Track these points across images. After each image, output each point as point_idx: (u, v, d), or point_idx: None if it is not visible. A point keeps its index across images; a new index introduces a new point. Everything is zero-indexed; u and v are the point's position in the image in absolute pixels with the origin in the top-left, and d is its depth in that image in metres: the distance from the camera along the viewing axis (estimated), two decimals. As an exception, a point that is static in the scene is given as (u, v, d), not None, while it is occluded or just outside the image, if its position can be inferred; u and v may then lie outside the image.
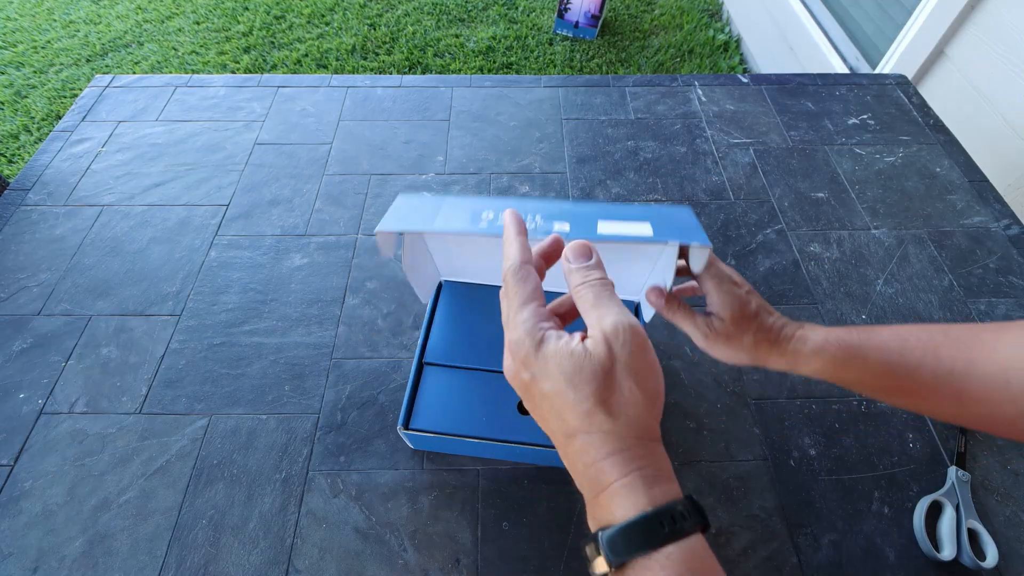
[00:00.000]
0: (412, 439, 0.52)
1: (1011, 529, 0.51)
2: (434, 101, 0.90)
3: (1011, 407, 0.32)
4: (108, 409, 0.57)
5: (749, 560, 0.49)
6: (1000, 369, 0.32)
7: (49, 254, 0.69)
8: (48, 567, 0.48)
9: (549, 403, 0.27)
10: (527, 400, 0.28)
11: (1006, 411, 0.32)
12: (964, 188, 0.80)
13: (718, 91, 0.93)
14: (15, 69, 2.14)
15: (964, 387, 0.34)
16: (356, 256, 0.70)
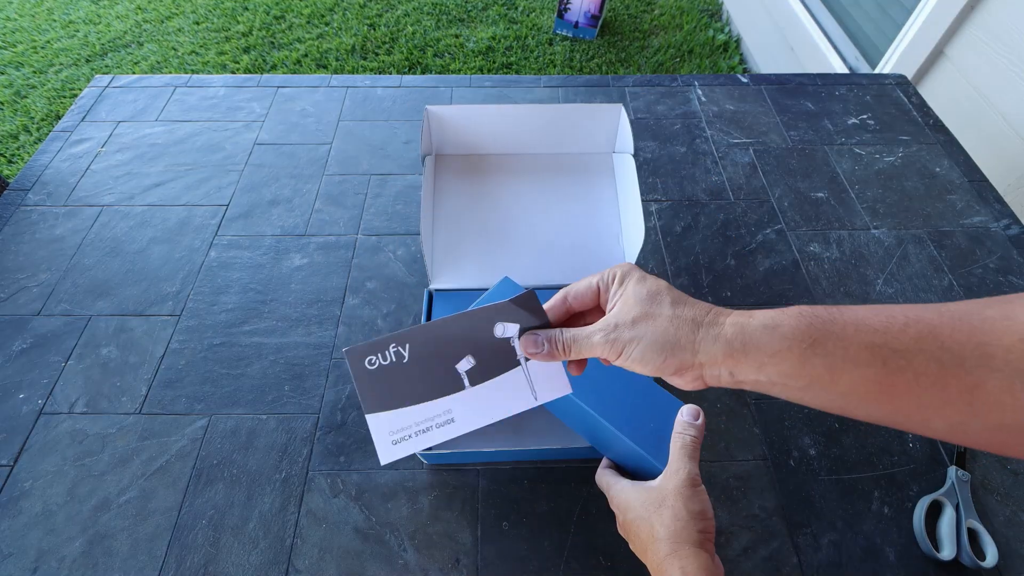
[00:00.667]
0: (426, 456, 0.52)
1: (1011, 529, 0.51)
2: (434, 101, 0.90)
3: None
4: (108, 409, 0.57)
5: (749, 560, 0.49)
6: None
7: (49, 254, 0.69)
8: (48, 567, 0.48)
9: (627, 517, 0.42)
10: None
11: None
12: (964, 188, 0.80)
13: (718, 91, 0.93)
14: (15, 69, 2.14)
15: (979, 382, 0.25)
16: (356, 256, 0.70)
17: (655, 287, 0.33)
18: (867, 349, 0.27)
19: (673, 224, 0.74)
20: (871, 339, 0.28)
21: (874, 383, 0.27)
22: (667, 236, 0.73)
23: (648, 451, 0.43)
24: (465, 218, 0.62)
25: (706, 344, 0.30)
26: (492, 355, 0.34)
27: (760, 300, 0.67)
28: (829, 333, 0.28)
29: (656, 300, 0.32)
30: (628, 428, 0.44)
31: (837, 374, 0.28)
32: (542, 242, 0.61)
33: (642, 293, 0.32)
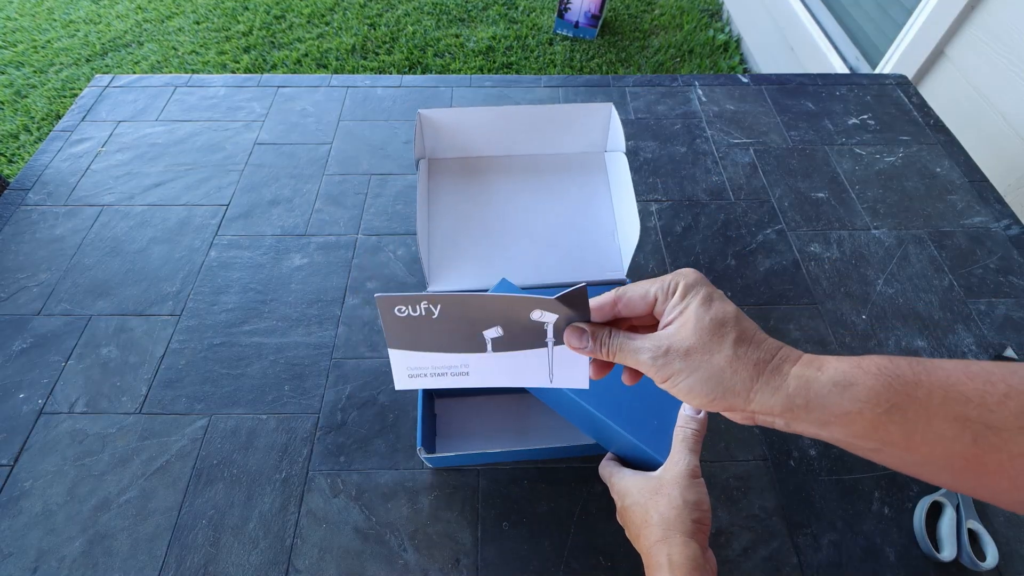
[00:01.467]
0: (432, 460, 0.52)
1: (1011, 529, 0.51)
2: (434, 101, 0.90)
3: None
4: (108, 409, 0.57)
5: (749, 560, 0.49)
6: None
7: (49, 254, 0.69)
8: (48, 567, 0.48)
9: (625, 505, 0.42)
10: None
11: None
12: (964, 188, 0.80)
13: (718, 91, 0.93)
14: (15, 69, 2.14)
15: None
16: (356, 256, 0.70)
17: (720, 315, 0.28)
18: (956, 422, 0.24)
19: (673, 224, 0.74)
20: (962, 411, 0.24)
21: (960, 458, 0.24)
22: (667, 236, 0.73)
23: (649, 446, 0.43)
24: (461, 220, 0.62)
25: (763, 395, 0.27)
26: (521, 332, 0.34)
27: (760, 300, 0.67)
28: (912, 398, 0.24)
29: (718, 333, 0.28)
30: (630, 425, 0.44)
31: (915, 444, 0.25)
32: (538, 242, 0.61)
33: (704, 321, 0.28)
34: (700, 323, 0.28)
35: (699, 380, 0.28)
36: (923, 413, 0.24)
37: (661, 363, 0.29)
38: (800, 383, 0.26)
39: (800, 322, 0.65)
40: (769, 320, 0.65)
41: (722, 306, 0.29)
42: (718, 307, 0.29)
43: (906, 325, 0.65)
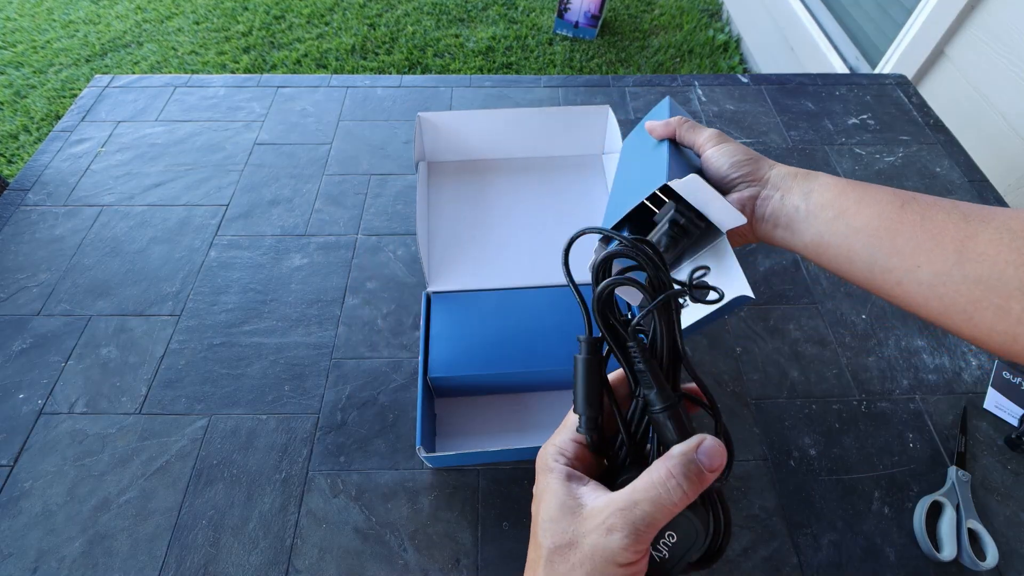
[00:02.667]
0: (432, 460, 0.52)
1: (1011, 529, 0.51)
2: (434, 101, 0.90)
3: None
4: (108, 409, 0.57)
5: (749, 560, 0.49)
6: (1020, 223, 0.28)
7: (49, 254, 0.69)
8: (48, 567, 0.48)
9: (532, 523, 0.27)
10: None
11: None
12: (964, 188, 0.80)
13: (718, 91, 0.93)
14: (15, 69, 2.14)
15: (972, 234, 0.29)
16: (356, 256, 0.70)
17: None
18: (893, 194, 0.33)
19: (673, 224, 0.74)
20: (902, 192, 0.33)
21: (887, 219, 0.32)
22: (667, 236, 0.73)
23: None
24: (460, 221, 0.62)
25: (779, 166, 0.40)
26: None
27: (760, 300, 0.67)
28: (870, 185, 0.35)
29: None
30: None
31: (863, 207, 0.34)
32: (536, 243, 0.61)
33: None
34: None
35: (737, 145, 0.41)
36: (873, 189, 0.35)
37: (717, 135, 0.42)
38: (804, 172, 0.40)
39: (800, 322, 0.65)
40: (769, 320, 0.65)
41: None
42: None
43: (905, 325, 0.65)
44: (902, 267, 0.32)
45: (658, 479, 0.24)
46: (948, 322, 0.31)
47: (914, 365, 0.62)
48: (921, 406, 0.59)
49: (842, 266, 0.35)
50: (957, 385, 0.60)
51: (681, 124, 0.44)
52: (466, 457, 0.52)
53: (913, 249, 0.31)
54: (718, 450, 0.24)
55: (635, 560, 0.23)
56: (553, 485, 0.26)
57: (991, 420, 0.58)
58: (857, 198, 0.34)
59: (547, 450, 0.28)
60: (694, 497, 0.24)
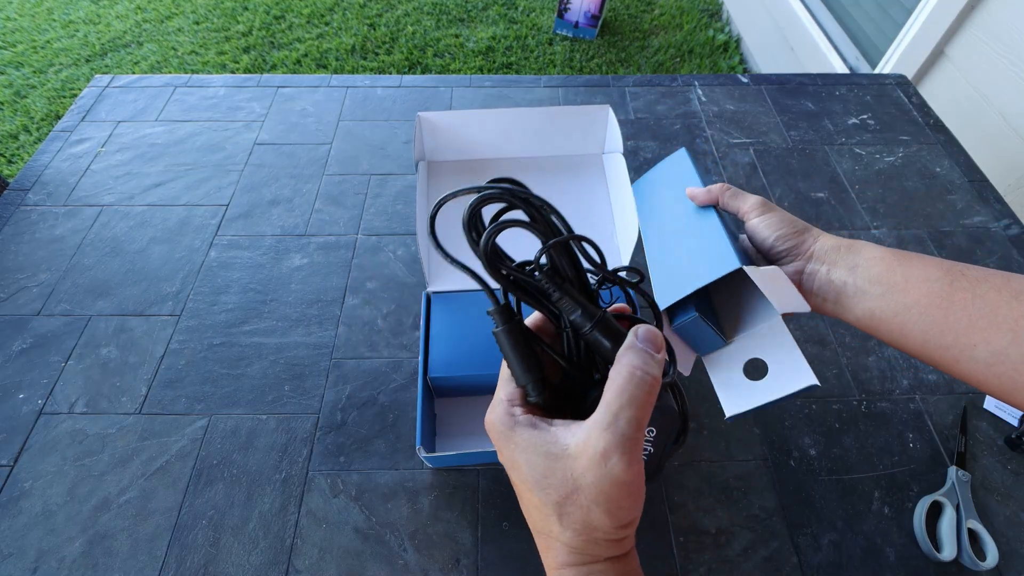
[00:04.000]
0: (432, 460, 0.52)
1: (1011, 529, 0.51)
2: (434, 101, 0.90)
3: None
4: (108, 409, 0.57)
5: (749, 560, 0.49)
6: None
7: (49, 254, 0.69)
8: (48, 567, 0.48)
9: (518, 491, 0.25)
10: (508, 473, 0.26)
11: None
12: (964, 188, 0.80)
13: (718, 91, 0.93)
14: (15, 69, 2.14)
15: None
16: (356, 256, 0.70)
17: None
18: (941, 269, 0.33)
19: (673, 224, 0.74)
20: (948, 265, 0.34)
21: (937, 296, 0.33)
22: (667, 236, 0.73)
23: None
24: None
25: (823, 237, 0.39)
26: None
27: (760, 300, 0.67)
28: (918, 257, 0.35)
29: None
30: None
31: (911, 283, 0.34)
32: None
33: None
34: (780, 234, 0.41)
35: (785, 215, 0.41)
36: (918, 262, 0.35)
37: (761, 204, 0.42)
38: (848, 243, 0.38)
39: (800, 322, 0.65)
40: (769, 320, 0.65)
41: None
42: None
43: (906, 325, 0.65)
44: (957, 345, 0.32)
45: (624, 380, 0.23)
46: (1010, 399, 0.31)
47: (914, 365, 0.62)
48: (921, 406, 0.59)
49: (896, 340, 0.35)
50: (957, 385, 0.60)
51: (724, 192, 0.44)
52: (466, 457, 0.52)
53: (967, 328, 0.31)
54: (653, 332, 0.25)
55: (641, 467, 0.23)
56: (525, 439, 0.24)
57: (991, 420, 0.58)
58: (905, 273, 0.34)
59: (496, 412, 0.26)
60: (660, 380, 0.24)
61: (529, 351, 0.26)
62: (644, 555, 0.49)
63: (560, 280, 0.26)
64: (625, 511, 0.23)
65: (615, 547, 0.24)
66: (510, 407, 0.26)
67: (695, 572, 0.49)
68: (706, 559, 0.49)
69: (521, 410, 0.26)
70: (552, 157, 0.66)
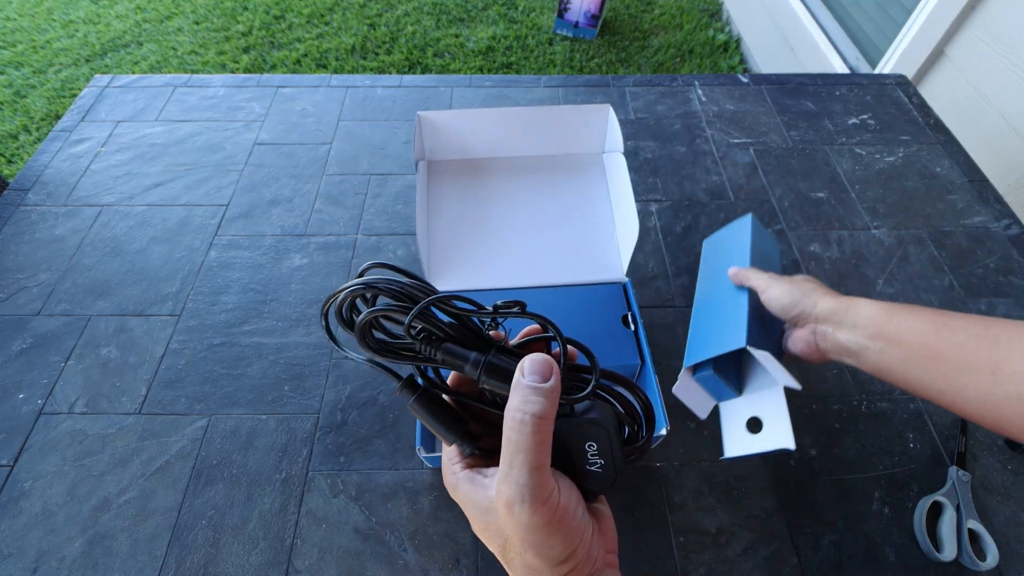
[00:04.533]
0: (432, 460, 0.52)
1: (1011, 529, 0.51)
2: (434, 101, 0.90)
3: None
4: (108, 409, 0.57)
5: (749, 560, 0.49)
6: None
7: (49, 254, 0.69)
8: (48, 567, 0.48)
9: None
10: None
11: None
12: (964, 188, 0.80)
13: (718, 91, 0.93)
14: (14, 69, 2.14)
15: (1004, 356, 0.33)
16: (356, 256, 0.70)
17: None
18: (926, 320, 0.37)
19: (673, 224, 0.74)
20: (934, 317, 0.37)
21: (925, 348, 0.37)
22: (667, 236, 0.73)
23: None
24: (460, 221, 0.62)
25: (822, 301, 0.43)
26: None
27: (760, 300, 0.67)
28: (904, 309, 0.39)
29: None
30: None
31: (903, 337, 0.38)
32: (537, 242, 0.61)
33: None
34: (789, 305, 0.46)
35: (782, 288, 0.46)
36: (907, 316, 0.39)
37: (766, 281, 0.47)
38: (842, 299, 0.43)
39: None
40: (769, 320, 0.65)
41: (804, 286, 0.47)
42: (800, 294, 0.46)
43: (906, 325, 0.65)
44: (950, 389, 0.36)
45: (508, 427, 0.23)
46: (1005, 432, 0.35)
47: (914, 365, 0.62)
48: (921, 406, 0.59)
49: (903, 386, 0.39)
50: (957, 385, 0.60)
51: (738, 275, 0.51)
52: None
53: (954, 373, 0.35)
54: (539, 362, 0.24)
55: (555, 504, 0.23)
56: (463, 496, 0.25)
57: (991, 420, 0.58)
58: (897, 328, 0.39)
59: (444, 472, 0.28)
60: (553, 412, 0.24)
61: (446, 412, 0.27)
62: (644, 555, 0.49)
63: (437, 341, 0.26)
64: (555, 550, 0.23)
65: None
66: (451, 465, 0.27)
67: (695, 572, 0.49)
68: (706, 559, 0.49)
69: (460, 467, 0.26)
70: (552, 156, 0.66)
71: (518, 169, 0.66)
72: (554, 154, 0.66)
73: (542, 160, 0.67)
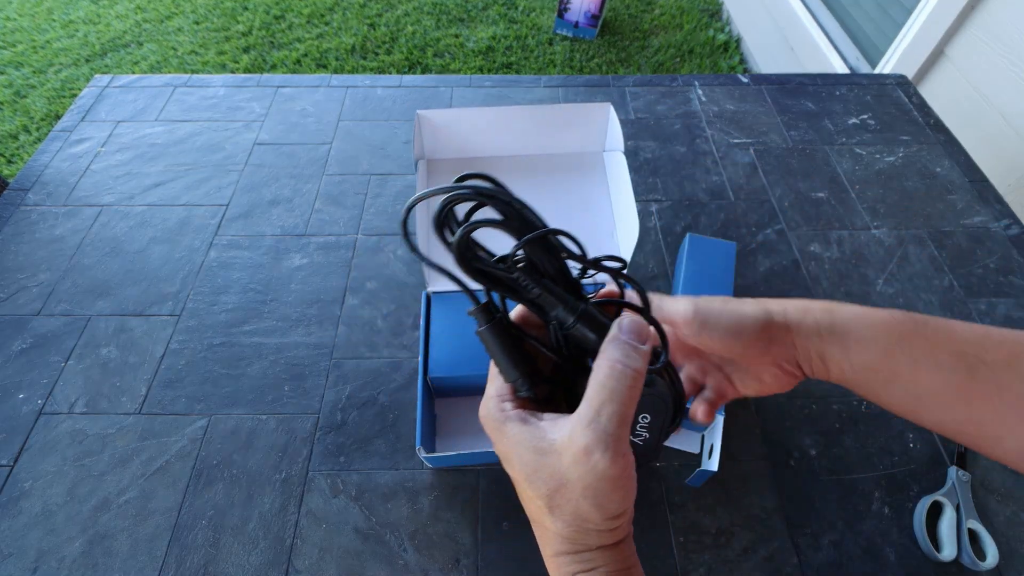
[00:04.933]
0: (432, 460, 0.52)
1: (1011, 529, 0.51)
2: (434, 101, 0.90)
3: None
4: (108, 409, 0.57)
5: (749, 560, 0.49)
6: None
7: (49, 254, 0.69)
8: (48, 567, 0.48)
9: (514, 482, 0.26)
10: None
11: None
12: (964, 188, 0.80)
13: (718, 91, 0.93)
14: (14, 69, 2.14)
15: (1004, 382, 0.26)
16: (356, 256, 0.70)
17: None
18: (955, 356, 0.27)
19: (673, 224, 0.74)
20: (961, 348, 0.27)
21: (955, 389, 0.27)
22: (667, 236, 0.73)
23: None
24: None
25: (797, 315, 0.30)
26: None
27: (760, 300, 0.67)
28: (918, 334, 0.28)
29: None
30: None
31: (919, 374, 0.28)
32: None
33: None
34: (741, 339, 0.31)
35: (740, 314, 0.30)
36: (928, 345, 0.27)
37: (700, 305, 0.30)
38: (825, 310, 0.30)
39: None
40: (769, 320, 0.65)
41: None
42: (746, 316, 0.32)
43: (906, 325, 0.65)
44: (981, 435, 0.28)
45: (605, 375, 0.23)
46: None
47: (914, 365, 0.62)
48: (921, 406, 0.59)
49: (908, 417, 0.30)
50: (957, 385, 0.60)
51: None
52: (466, 457, 0.52)
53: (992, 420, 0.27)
54: (637, 322, 0.25)
55: (629, 459, 0.23)
56: (514, 435, 0.25)
57: (991, 420, 0.58)
58: (910, 362, 0.28)
59: (488, 406, 0.26)
60: (644, 372, 0.24)
61: (514, 347, 0.26)
62: (644, 555, 0.49)
63: (538, 276, 0.26)
64: (614, 504, 0.23)
65: (607, 536, 0.24)
66: (500, 402, 0.26)
67: (695, 572, 0.49)
68: (706, 559, 0.49)
69: (511, 405, 0.26)
70: (553, 155, 0.66)
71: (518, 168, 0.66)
72: (554, 153, 0.66)
73: (542, 159, 0.67)
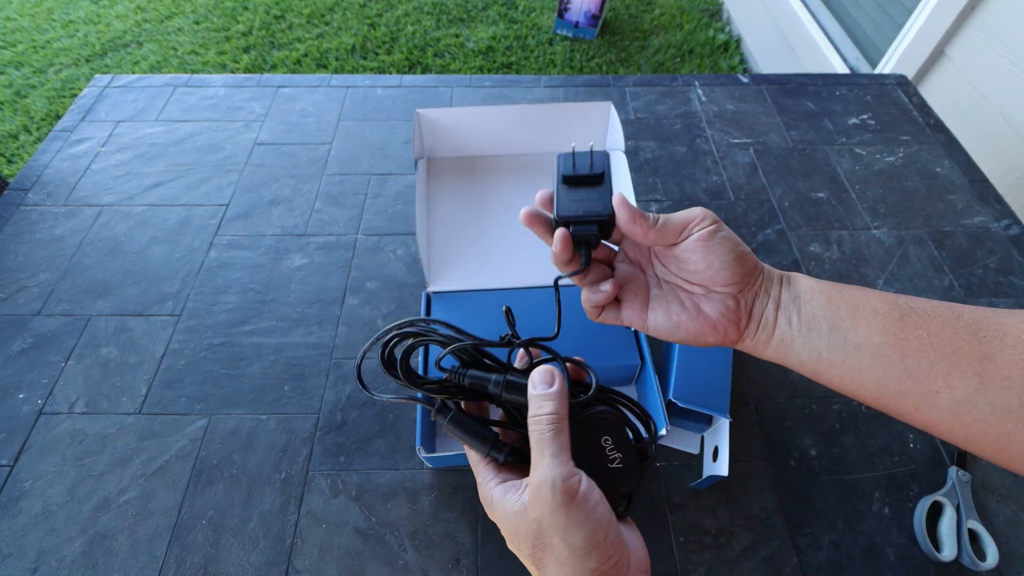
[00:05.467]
0: (432, 460, 0.52)
1: (1011, 529, 0.51)
2: (434, 101, 0.90)
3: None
4: (108, 409, 0.57)
5: (749, 560, 0.49)
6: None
7: (49, 254, 0.69)
8: (48, 567, 0.48)
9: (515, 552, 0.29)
10: None
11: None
12: (964, 188, 0.80)
13: (718, 91, 0.93)
14: (15, 69, 2.14)
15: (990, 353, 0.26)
16: (356, 256, 0.70)
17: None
18: (887, 302, 0.30)
19: (673, 224, 0.74)
20: (894, 299, 0.30)
21: (889, 335, 0.28)
22: (667, 236, 0.73)
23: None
24: (460, 220, 0.62)
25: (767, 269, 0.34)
26: None
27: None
28: (857, 288, 0.31)
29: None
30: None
31: (858, 319, 0.29)
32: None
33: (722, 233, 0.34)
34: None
35: (732, 239, 0.32)
36: (864, 295, 0.30)
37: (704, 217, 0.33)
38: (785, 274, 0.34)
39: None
40: (769, 320, 0.65)
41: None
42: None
43: (906, 325, 0.65)
44: (917, 392, 0.28)
45: (531, 430, 0.28)
46: (979, 451, 0.27)
47: (914, 365, 0.62)
48: (921, 406, 0.59)
49: (848, 387, 0.30)
50: (957, 385, 0.60)
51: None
52: (466, 457, 0.52)
53: (927, 371, 0.27)
54: (543, 371, 0.29)
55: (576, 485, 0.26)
56: (500, 509, 0.29)
57: (991, 420, 0.58)
58: (850, 307, 0.30)
59: (481, 492, 0.31)
60: (561, 410, 0.28)
61: (475, 428, 0.32)
62: (644, 555, 0.49)
63: (461, 368, 0.32)
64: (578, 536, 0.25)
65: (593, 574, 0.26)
66: (486, 483, 0.30)
67: (695, 572, 0.49)
68: (706, 559, 0.49)
69: (495, 482, 0.30)
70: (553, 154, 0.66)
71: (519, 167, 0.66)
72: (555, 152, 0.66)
73: (543, 158, 0.66)
